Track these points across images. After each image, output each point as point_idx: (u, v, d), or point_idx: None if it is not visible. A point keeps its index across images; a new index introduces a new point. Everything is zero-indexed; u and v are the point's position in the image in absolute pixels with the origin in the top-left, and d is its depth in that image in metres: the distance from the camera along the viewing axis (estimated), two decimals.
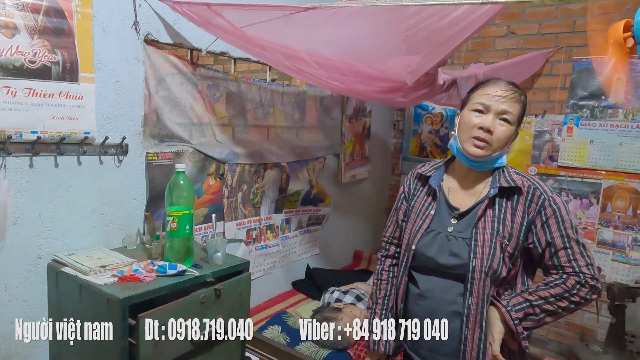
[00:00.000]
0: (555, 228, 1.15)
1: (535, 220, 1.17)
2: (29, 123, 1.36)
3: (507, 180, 1.20)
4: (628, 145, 2.50)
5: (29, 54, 1.34)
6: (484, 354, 1.16)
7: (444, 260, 1.22)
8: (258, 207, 2.35)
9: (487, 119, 1.17)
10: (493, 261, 1.15)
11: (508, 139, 1.19)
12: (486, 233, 1.17)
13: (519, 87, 1.22)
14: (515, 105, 1.18)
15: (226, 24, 1.55)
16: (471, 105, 1.22)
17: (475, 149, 1.18)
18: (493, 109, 1.17)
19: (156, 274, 1.40)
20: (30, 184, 1.42)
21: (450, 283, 1.21)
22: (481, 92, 1.21)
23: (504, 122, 1.17)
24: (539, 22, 2.76)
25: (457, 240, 1.21)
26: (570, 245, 1.15)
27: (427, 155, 3.39)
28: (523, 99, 1.21)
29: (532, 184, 1.19)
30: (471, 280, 1.17)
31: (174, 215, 1.46)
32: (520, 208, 1.18)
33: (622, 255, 2.56)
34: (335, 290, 2.37)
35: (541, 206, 1.16)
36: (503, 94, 1.17)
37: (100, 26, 1.53)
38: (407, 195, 1.39)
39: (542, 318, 1.15)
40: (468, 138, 1.19)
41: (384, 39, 1.72)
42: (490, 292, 1.17)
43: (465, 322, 1.18)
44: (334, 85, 1.82)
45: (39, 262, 1.48)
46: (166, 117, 1.79)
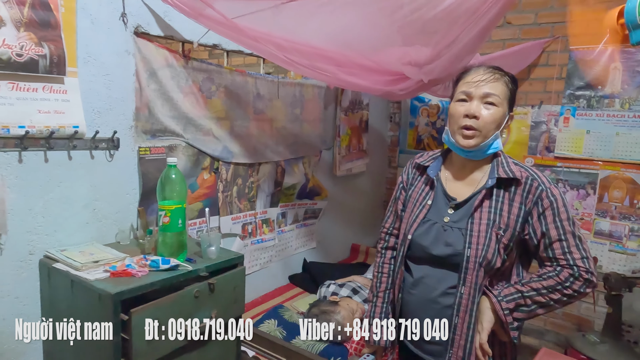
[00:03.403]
0: (551, 220, 1.14)
1: (532, 211, 1.16)
2: (15, 117, 1.34)
3: (505, 171, 1.19)
4: (625, 135, 2.49)
5: (16, 47, 1.31)
6: (472, 342, 1.17)
7: (438, 251, 1.22)
8: (253, 201, 2.33)
9: (471, 106, 1.17)
10: (488, 252, 1.15)
11: (497, 122, 1.18)
12: (482, 223, 1.17)
13: (501, 69, 1.22)
14: (497, 85, 1.17)
15: (217, 15, 1.53)
16: (455, 96, 1.22)
17: (466, 140, 1.18)
18: (475, 94, 1.17)
19: (149, 268, 1.39)
20: (20, 179, 1.41)
21: (443, 272, 1.22)
22: (462, 82, 1.22)
23: (490, 105, 1.17)
24: (535, 12, 2.73)
25: (452, 231, 1.21)
26: (565, 237, 1.14)
27: (424, 147, 3.37)
28: (507, 78, 1.20)
29: (530, 175, 1.18)
30: (465, 270, 1.16)
31: (166, 209, 1.45)
32: (518, 199, 1.17)
33: (618, 246, 2.56)
34: (331, 283, 2.37)
35: (538, 197, 1.15)
36: (482, 78, 1.17)
37: (89, 18, 1.51)
38: (405, 185, 1.39)
39: (534, 310, 1.14)
40: (457, 129, 1.19)
41: (378, 29, 1.70)
42: (483, 283, 1.16)
43: (456, 310, 1.18)
44: (327, 76, 1.80)
45: (30, 258, 1.46)
46: (158, 110, 1.77)
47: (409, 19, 1.45)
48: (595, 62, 2.53)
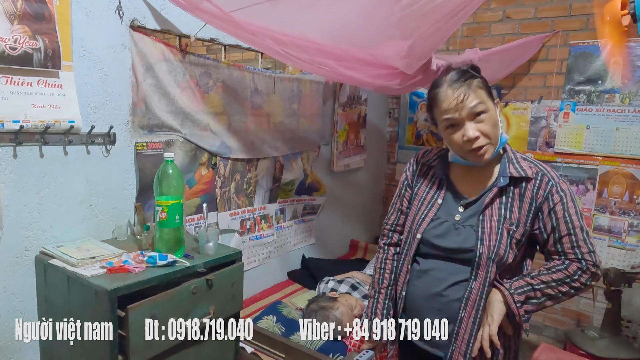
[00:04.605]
0: (561, 214, 1.14)
1: (542, 206, 1.15)
2: (9, 112, 1.33)
3: (517, 169, 1.17)
4: (625, 130, 2.48)
5: (10, 40, 1.29)
6: (475, 336, 1.17)
7: (449, 244, 1.21)
8: (252, 197, 2.32)
9: (467, 131, 1.12)
10: (500, 247, 1.15)
11: (495, 122, 1.15)
12: (493, 220, 1.17)
13: (461, 70, 1.15)
14: (472, 95, 1.11)
15: (214, 9, 1.51)
16: (441, 125, 1.18)
17: (482, 157, 1.14)
18: (462, 117, 1.12)
19: (146, 264, 1.37)
20: (14, 174, 1.39)
21: (452, 266, 1.21)
22: (437, 113, 1.17)
23: (480, 115, 1.12)
24: (534, 6, 2.71)
25: (464, 228, 1.20)
26: (574, 232, 1.14)
27: (423, 143, 3.36)
28: (472, 80, 1.13)
29: (539, 170, 1.18)
30: (477, 266, 1.16)
31: (164, 205, 1.44)
32: (528, 194, 1.16)
33: (618, 241, 2.55)
34: (330, 279, 2.36)
35: (549, 192, 1.14)
36: (455, 100, 1.11)
37: (84, 11, 1.49)
38: (410, 183, 1.37)
39: (543, 302, 1.15)
40: (466, 153, 1.16)
41: (376, 22, 1.68)
42: (494, 278, 1.17)
43: (464, 304, 1.18)
44: (326, 71, 1.78)
45: (26, 255, 1.45)
46: (155, 105, 1.75)
47: (408, 11, 1.43)
48: (595, 57, 2.52)
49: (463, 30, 2.97)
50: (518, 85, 2.83)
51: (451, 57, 2.39)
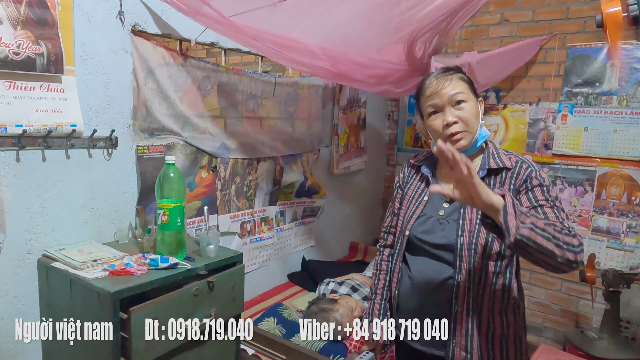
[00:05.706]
0: (540, 194, 1.15)
1: (520, 188, 1.17)
2: (12, 116, 1.34)
3: (496, 161, 1.22)
4: (622, 131, 2.50)
5: (13, 46, 1.31)
6: (472, 329, 1.19)
7: (435, 240, 1.24)
8: (252, 200, 2.33)
9: (446, 116, 1.20)
10: (479, 237, 1.18)
11: (475, 113, 1.20)
12: (473, 211, 1.20)
13: (449, 67, 1.26)
14: (456, 83, 1.21)
15: (214, 13, 1.52)
16: (425, 113, 1.26)
17: (457, 144, 1.19)
18: (443, 102, 1.20)
19: (148, 267, 1.38)
20: (17, 178, 1.40)
21: (440, 265, 1.24)
22: (423, 98, 1.26)
23: (461, 104, 1.20)
24: (532, 9, 2.73)
25: (448, 223, 1.24)
26: (556, 211, 1.11)
27: (421, 145, 3.37)
28: (458, 74, 1.23)
29: (519, 159, 1.22)
30: (460, 258, 1.19)
31: (165, 208, 1.45)
32: (508, 181, 1.20)
33: (616, 242, 2.57)
34: (330, 281, 2.37)
35: (528, 176, 1.17)
36: (438, 87, 1.21)
37: (86, 16, 1.50)
38: (401, 184, 1.43)
39: (539, 234, 0.96)
40: (445, 139, 1.21)
41: (376, 27, 1.70)
42: (479, 268, 1.18)
43: (455, 299, 1.20)
44: (326, 74, 1.80)
45: (28, 258, 1.46)
46: (156, 109, 1.77)
47: (408, 15, 1.45)
48: (593, 59, 2.53)
49: (461, 33, 2.99)
50: (516, 87, 2.85)
51: (450, 60, 2.41)
